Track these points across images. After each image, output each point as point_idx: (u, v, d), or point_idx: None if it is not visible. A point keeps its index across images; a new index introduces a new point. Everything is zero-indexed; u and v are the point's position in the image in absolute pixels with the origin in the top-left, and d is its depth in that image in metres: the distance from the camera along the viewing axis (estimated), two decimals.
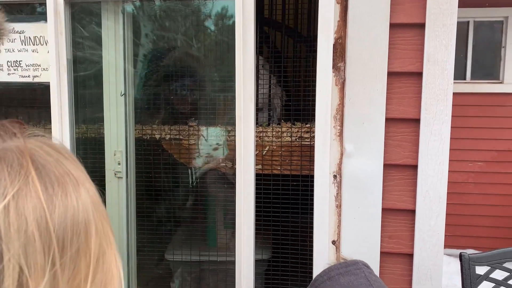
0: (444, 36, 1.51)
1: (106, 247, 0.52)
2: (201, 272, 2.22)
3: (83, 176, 0.52)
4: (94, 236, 0.49)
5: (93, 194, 0.52)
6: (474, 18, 4.83)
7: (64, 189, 0.48)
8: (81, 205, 0.48)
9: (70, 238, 0.46)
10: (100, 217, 0.52)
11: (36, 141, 0.52)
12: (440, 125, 1.54)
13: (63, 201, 0.47)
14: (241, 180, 1.66)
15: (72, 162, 0.53)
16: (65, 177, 0.49)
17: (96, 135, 1.74)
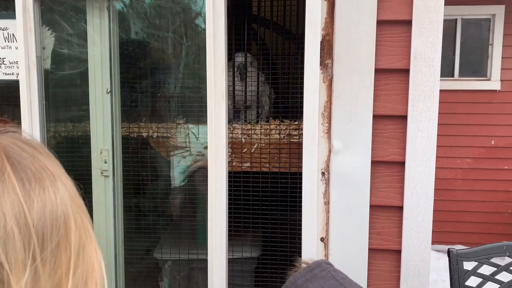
0: (431, 33, 1.51)
1: (85, 240, 0.52)
2: (191, 270, 2.21)
3: (59, 170, 0.52)
4: (74, 229, 0.50)
5: (70, 188, 0.52)
6: (462, 16, 4.87)
7: (42, 184, 0.48)
8: (59, 199, 0.49)
9: (50, 233, 0.47)
10: (79, 211, 0.52)
11: (9, 137, 0.52)
12: (427, 122, 1.55)
13: (41, 196, 0.47)
14: (213, 177, 1.65)
15: (47, 157, 0.53)
16: (42, 172, 0.49)
17: (82, 133, 1.72)
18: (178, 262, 2.18)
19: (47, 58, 1.68)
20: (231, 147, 1.87)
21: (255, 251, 2.18)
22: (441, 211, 4.84)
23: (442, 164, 4.83)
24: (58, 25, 1.67)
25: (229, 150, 1.87)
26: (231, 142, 1.87)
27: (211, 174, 1.65)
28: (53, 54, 1.69)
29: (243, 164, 1.87)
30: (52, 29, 1.67)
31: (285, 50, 2.06)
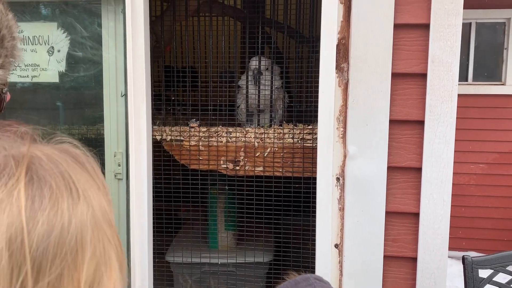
0: (449, 36, 1.48)
1: (104, 272, 0.46)
2: (202, 274, 2.20)
3: (94, 190, 0.47)
4: (89, 259, 0.44)
5: (100, 212, 0.46)
6: (476, 20, 4.81)
7: (56, 204, 0.43)
8: (74, 224, 0.43)
9: (51, 261, 0.41)
10: (103, 239, 0.46)
11: (51, 148, 0.48)
12: (444, 128, 1.52)
13: (49, 218, 0.42)
14: (134, 179, 1.64)
15: (89, 175, 0.48)
16: (64, 191, 0.44)
17: (96, 136, 1.72)
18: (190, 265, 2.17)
19: (62, 60, 1.68)
20: (244, 151, 1.86)
21: (267, 256, 2.16)
22: (454, 217, 4.74)
23: (455, 170, 4.72)
24: (73, 28, 1.68)
25: (242, 154, 1.86)
26: (243, 146, 1.85)
27: (132, 176, 1.64)
28: (68, 56, 1.69)
29: (256, 168, 1.85)
30: (67, 32, 1.68)
31: (298, 54, 2.05)
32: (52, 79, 1.69)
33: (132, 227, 1.65)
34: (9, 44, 0.80)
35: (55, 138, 0.51)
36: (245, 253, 2.08)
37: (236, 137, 1.85)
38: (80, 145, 0.52)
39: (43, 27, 1.66)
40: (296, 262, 1.92)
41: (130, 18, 1.57)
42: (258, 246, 2.13)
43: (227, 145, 1.86)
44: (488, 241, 4.90)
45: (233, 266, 2.13)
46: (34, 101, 1.74)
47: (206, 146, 1.87)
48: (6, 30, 0.80)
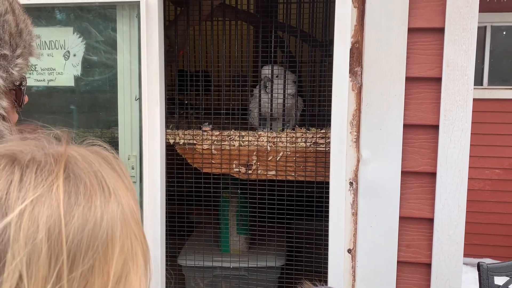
0: (464, 40, 1.47)
1: (131, 268, 0.48)
2: (214, 278, 2.20)
3: (123, 190, 0.50)
4: (118, 254, 0.46)
5: (129, 211, 0.49)
6: (491, 23, 4.76)
7: (90, 200, 0.46)
8: (106, 219, 0.46)
9: (85, 253, 0.44)
10: (131, 236, 0.48)
11: (84, 149, 0.51)
12: (459, 132, 1.50)
13: (84, 213, 0.45)
14: (147, 182, 1.64)
15: (118, 174, 0.51)
16: (97, 189, 0.47)
17: (110, 139, 1.74)
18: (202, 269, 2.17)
19: (78, 65, 1.70)
20: (257, 155, 1.86)
21: (279, 261, 2.16)
22: (469, 223, 4.67)
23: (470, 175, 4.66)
24: (89, 33, 1.70)
25: (254, 158, 1.86)
26: (256, 149, 1.85)
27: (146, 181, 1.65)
28: (83, 61, 1.72)
29: (269, 172, 1.85)
30: (83, 36, 1.70)
31: (311, 58, 2.05)
32: (67, 83, 1.71)
33: (145, 230, 1.66)
34: (27, 37, 0.85)
35: (86, 140, 0.55)
36: (257, 257, 2.08)
37: (248, 141, 1.86)
38: (110, 148, 0.55)
39: (59, 31, 1.69)
40: (309, 267, 1.91)
41: (145, 23, 1.58)
42: (270, 250, 2.12)
43: (239, 149, 1.86)
44: (504, 247, 4.82)
45: (245, 270, 2.13)
46: (50, 105, 1.77)
47: (219, 150, 1.87)
48: (24, 25, 0.85)
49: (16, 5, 0.85)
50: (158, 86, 1.61)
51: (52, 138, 0.52)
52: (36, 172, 0.45)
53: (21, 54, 0.84)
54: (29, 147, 0.49)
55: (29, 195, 0.44)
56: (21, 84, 0.86)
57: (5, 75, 0.81)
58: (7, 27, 0.82)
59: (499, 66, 4.83)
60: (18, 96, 0.86)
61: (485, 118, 4.67)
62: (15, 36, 0.83)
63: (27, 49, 0.86)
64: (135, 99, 1.66)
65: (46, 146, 0.50)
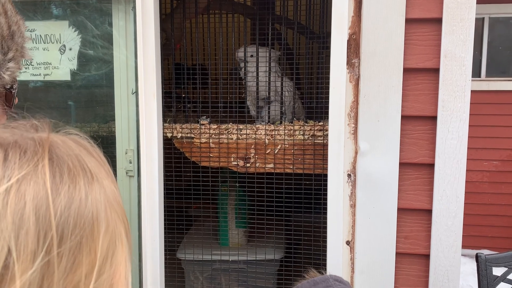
0: (462, 31, 1.46)
1: (117, 247, 0.50)
2: (213, 271, 2.21)
3: (103, 174, 0.52)
4: (104, 233, 0.48)
5: (111, 193, 0.51)
6: (489, 15, 4.74)
7: (74, 181, 0.47)
8: (90, 200, 0.48)
9: (72, 229, 0.45)
10: (114, 217, 0.50)
11: (63, 136, 0.53)
12: (457, 123, 1.50)
13: (70, 192, 0.46)
14: (145, 176, 1.64)
15: (97, 160, 0.53)
16: (80, 171, 0.49)
17: (107, 133, 1.73)
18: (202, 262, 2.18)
19: (74, 59, 1.69)
20: (255, 148, 1.85)
21: (278, 253, 2.16)
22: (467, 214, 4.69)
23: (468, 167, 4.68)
24: (84, 27, 1.69)
25: (252, 151, 1.86)
26: (254, 142, 1.85)
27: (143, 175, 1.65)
28: (79, 55, 1.71)
29: (267, 165, 1.85)
30: (78, 30, 1.69)
31: (308, 50, 2.04)
32: (64, 77, 1.70)
33: (143, 224, 1.66)
34: (19, 40, 0.83)
35: (63, 130, 0.56)
36: (256, 251, 2.08)
37: (246, 134, 1.85)
38: (85, 136, 0.57)
39: (54, 25, 1.68)
40: (307, 259, 1.92)
41: (141, 16, 1.57)
42: (269, 243, 2.13)
43: (237, 142, 1.86)
44: (502, 239, 4.85)
45: (244, 263, 2.13)
46: (46, 99, 1.76)
47: (217, 143, 1.87)
48: (16, 27, 0.83)
49: (8, 6, 0.83)
50: (154, 79, 1.60)
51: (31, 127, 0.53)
52: (20, 154, 0.47)
53: (12, 57, 0.81)
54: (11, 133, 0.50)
55: (14, 173, 0.45)
56: (12, 87, 0.84)
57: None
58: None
59: (497, 58, 4.82)
60: (9, 98, 0.84)
61: (483, 110, 4.68)
62: (7, 39, 0.81)
63: (19, 52, 0.84)
64: (132, 93, 1.66)
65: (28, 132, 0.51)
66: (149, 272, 1.68)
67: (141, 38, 1.57)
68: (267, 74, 1.92)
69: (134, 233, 1.72)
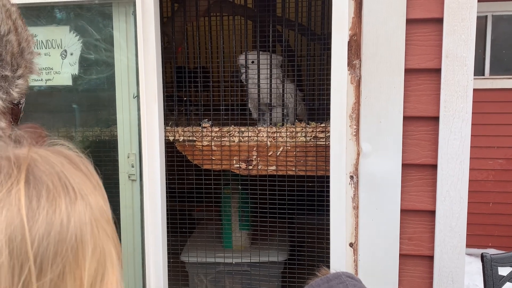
0: (463, 30, 1.46)
1: (107, 268, 0.47)
2: (217, 274, 2.21)
3: (90, 189, 0.48)
4: (90, 256, 0.45)
5: (98, 210, 0.48)
6: (492, 12, 4.72)
7: (54, 203, 0.44)
8: (73, 222, 0.44)
9: (53, 259, 0.42)
10: (104, 237, 0.47)
11: (46, 150, 0.49)
12: (460, 123, 1.49)
13: (48, 216, 0.43)
14: (147, 180, 1.64)
15: (83, 173, 0.49)
16: (61, 190, 0.45)
17: (109, 138, 1.73)
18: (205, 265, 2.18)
19: (75, 63, 1.70)
20: (257, 150, 1.85)
21: (282, 256, 2.15)
22: (473, 213, 4.69)
23: (472, 166, 4.65)
24: (85, 31, 1.69)
25: (254, 153, 1.85)
26: (256, 145, 1.85)
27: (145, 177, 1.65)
28: (81, 59, 1.71)
29: (269, 167, 1.85)
30: (79, 35, 1.69)
31: (310, 51, 2.03)
32: (65, 82, 1.71)
33: (146, 228, 1.66)
34: (28, 56, 0.83)
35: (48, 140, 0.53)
36: (259, 253, 2.08)
37: (248, 136, 1.85)
38: (73, 146, 0.53)
39: (56, 30, 1.68)
40: (311, 261, 1.91)
41: (141, 20, 1.57)
42: (273, 245, 2.12)
43: (239, 145, 1.86)
44: (509, 237, 4.81)
45: (248, 265, 2.13)
46: (48, 104, 1.76)
47: (219, 146, 1.87)
48: (26, 43, 0.83)
49: (19, 22, 0.82)
50: (156, 83, 1.60)
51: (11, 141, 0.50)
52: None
53: (21, 74, 0.81)
54: None
55: None
56: (19, 102, 0.84)
57: (4, 96, 0.79)
58: (10, 48, 0.79)
59: (501, 56, 4.79)
60: (15, 113, 0.84)
61: (487, 108, 4.65)
62: (17, 56, 0.80)
63: (28, 68, 0.83)
64: (133, 96, 1.66)
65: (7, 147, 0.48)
66: (152, 276, 1.68)
67: (141, 42, 1.58)
68: (268, 80, 1.91)
69: (137, 238, 1.72)
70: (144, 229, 1.66)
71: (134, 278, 1.73)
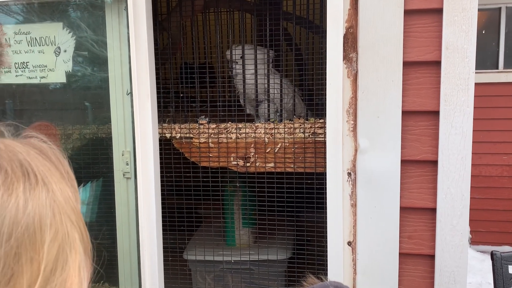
0: (464, 21, 1.39)
1: (68, 255, 0.47)
2: (220, 272, 2.18)
3: (57, 178, 0.49)
4: (50, 241, 0.45)
5: (63, 197, 0.48)
6: (506, 4, 4.59)
7: (11, 187, 0.44)
8: (31, 206, 0.44)
9: (6, 240, 0.42)
10: (67, 223, 0.47)
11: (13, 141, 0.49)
12: (461, 118, 1.43)
13: (2, 199, 0.43)
14: (141, 177, 1.61)
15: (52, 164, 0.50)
16: (20, 176, 0.45)
17: (105, 135, 1.72)
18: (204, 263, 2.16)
19: (69, 60, 1.68)
20: (254, 147, 1.81)
21: (285, 254, 2.12)
22: (486, 210, 4.59)
23: (487, 161, 4.57)
24: (79, 28, 1.68)
25: (252, 150, 1.82)
26: (254, 142, 1.81)
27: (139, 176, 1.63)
28: (74, 56, 1.69)
29: (267, 164, 1.81)
30: (73, 31, 1.68)
31: (309, 45, 1.99)
32: (59, 79, 1.70)
33: (141, 226, 1.64)
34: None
35: (23, 133, 0.53)
36: (258, 251, 2.05)
37: (246, 133, 1.81)
38: (48, 140, 0.54)
39: (49, 27, 1.67)
40: (311, 259, 1.87)
41: (132, 15, 1.55)
42: (276, 243, 2.09)
43: (237, 142, 1.82)
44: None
45: (251, 263, 2.10)
46: (43, 102, 1.76)
47: (216, 143, 1.84)
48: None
49: None
50: (148, 80, 1.58)
51: None
52: None
53: None
54: None
55: None
56: None
57: None
58: None
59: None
60: None
61: (502, 102, 4.53)
62: None
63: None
64: (127, 93, 1.64)
65: None
66: (147, 273, 1.66)
67: (133, 38, 1.55)
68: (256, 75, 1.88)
69: (132, 236, 1.71)
70: (139, 227, 1.64)
71: (130, 276, 1.72)
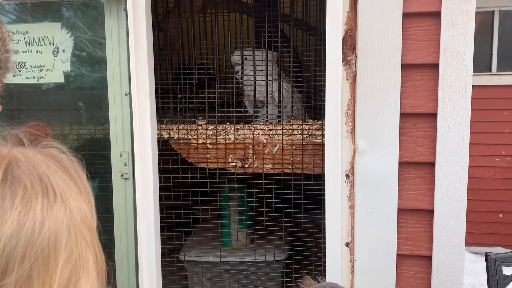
0: (462, 24, 1.41)
1: (81, 278, 0.45)
2: (216, 273, 2.18)
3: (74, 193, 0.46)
4: (63, 263, 0.43)
5: (80, 216, 0.46)
6: (499, 8, 4.63)
7: (29, 204, 0.42)
8: (48, 225, 0.42)
9: (20, 261, 0.40)
10: (81, 244, 0.45)
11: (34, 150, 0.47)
12: (459, 120, 1.45)
13: (20, 217, 0.41)
14: (139, 178, 1.61)
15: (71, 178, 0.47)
16: (39, 192, 0.43)
17: (103, 136, 1.71)
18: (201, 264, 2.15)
19: (67, 61, 1.68)
20: (253, 148, 1.82)
21: (282, 255, 2.12)
22: (479, 211, 4.63)
23: (479, 163, 4.61)
24: (77, 28, 1.67)
25: (250, 151, 1.82)
26: (252, 143, 1.82)
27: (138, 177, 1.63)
28: (73, 56, 1.69)
29: (265, 165, 1.82)
30: (71, 32, 1.67)
31: (307, 47, 2.00)
32: (57, 80, 1.69)
33: (138, 227, 1.64)
34: (3, 56, 0.81)
35: (42, 142, 0.51)
36: (256, 252, 2.05)
37: (244, 134, 1.82)
38: (67, 150, 0.52)
39: (47, 27, 1.66)
40: (308, 261, 1.88)
41: (132, 16, 1.55)
42: (273, 244, 2.09)
43: (235, 143, 1.83)
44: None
45: (247, 264, 2.11)
46: (41, 102, 1.75)
47: (214, 144, 1.84)
48: (0, 43, 0.80)
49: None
50: (147, 80, 1.57)
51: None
52: None
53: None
54: None
55: None
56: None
57: None
58: None
59: (508, 52, 4.71)
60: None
61: (495, 105, 4.57)
62: None
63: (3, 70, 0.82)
64: (126, 94, 1.63)
65: None
66: (145, 274, 1.66)
67: (132, 38, 1.55)
68: (263, 77, 1.88)
69: (130, 236, 1.70)
70: (137, 228, 1.64)
71: (128, 277, 1.71)
